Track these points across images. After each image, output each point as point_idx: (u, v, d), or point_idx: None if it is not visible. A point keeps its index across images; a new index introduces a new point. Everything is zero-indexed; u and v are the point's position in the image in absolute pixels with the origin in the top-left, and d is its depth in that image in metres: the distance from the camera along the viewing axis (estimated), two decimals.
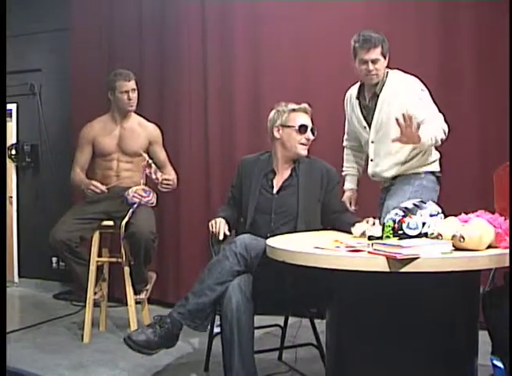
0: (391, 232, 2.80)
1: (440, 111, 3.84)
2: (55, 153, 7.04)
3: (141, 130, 4.69)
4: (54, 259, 6.95)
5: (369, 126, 3.96)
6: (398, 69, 4.01)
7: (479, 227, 2.58)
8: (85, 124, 4.84)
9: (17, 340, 4.77)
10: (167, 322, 3.18)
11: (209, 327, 3.44)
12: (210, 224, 3.66)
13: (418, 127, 3.48)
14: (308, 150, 3.75)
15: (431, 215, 2.89)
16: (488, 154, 4.72)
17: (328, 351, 3.10)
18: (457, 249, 2.53)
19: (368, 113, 3.99)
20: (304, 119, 3.69)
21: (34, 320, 5.62)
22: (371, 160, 4.02)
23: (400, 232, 2.79)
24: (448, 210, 3.01)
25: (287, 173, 3.70)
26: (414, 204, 2.95)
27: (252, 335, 3.17)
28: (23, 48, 7.34)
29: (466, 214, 2.81)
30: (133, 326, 4.48)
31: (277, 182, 3.69)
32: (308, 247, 2.70)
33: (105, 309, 4.91)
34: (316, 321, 3.61)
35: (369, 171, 4.06)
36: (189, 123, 5.86)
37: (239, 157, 4.58)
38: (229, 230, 3.64)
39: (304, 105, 3.74)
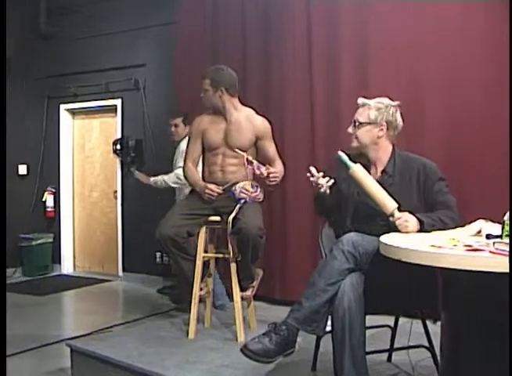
0: None
1: None
2: (160, 147, 7.18)
3: (248, 125, 4.66)
4: (158, 254, 7.10)
5: None
6: None
7: None
8: (195, 117, 4.89)
9: (122, 334, 4.90)
10: (283, 329, 3.15)
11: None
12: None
13: None
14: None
15: None
16: None
17: (442, 354, 3.04)
18: None
19: None
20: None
21: (138, 315, 5.78)
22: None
23: None
24: None
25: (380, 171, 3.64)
26: None
27: (364, 335, 3.14)
28: (127, 43, 7.54)
29: None
30: (238, 323, 4.50)
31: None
32: (424, 246, 2.66)
33: (210, 305, 4.96)
34: (428, 322, 3.56)
35: None
36: (293, 115, 5.89)
37: (346, 148, 4.57)
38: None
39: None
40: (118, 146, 7.59)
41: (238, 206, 4.42)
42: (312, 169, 3.55)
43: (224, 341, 4.52)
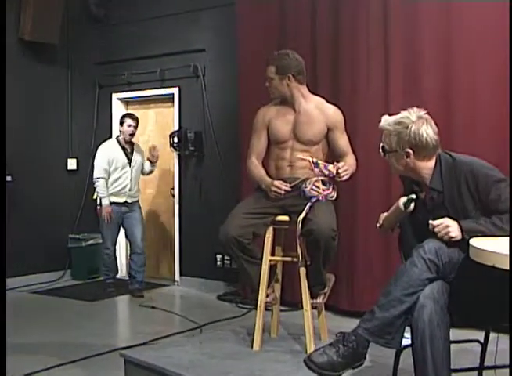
0: None
1: None
2: (221, 140, 7.21)
3: (319, 115, 4.62)
4: (218, 257, 7.10)
5: None
6: None
7: None
8: (259, 108, 4.86)
9: (181, 344, 4.91)
10: (352, 340, 3.13)
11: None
12: None
13: None
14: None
15: None
16: None
17: None
18: None
19: None
20: None
21: (197, 323, 5.80)
22: None
23: None
24: None
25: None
26: None
27: (448, 351, 3.10)
28: (185, 26, 7.57)
29: None
30: (309, 333, 4.48)
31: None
32: None
33: (277, 313, 4.93)
34: None
35: None
36: (366, 107, 5.86)
37: None
38: None
39: None
40: (176, 139, 7.63)
41: (309, 205, 4.38)
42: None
43: (292, 353, 4.50)
